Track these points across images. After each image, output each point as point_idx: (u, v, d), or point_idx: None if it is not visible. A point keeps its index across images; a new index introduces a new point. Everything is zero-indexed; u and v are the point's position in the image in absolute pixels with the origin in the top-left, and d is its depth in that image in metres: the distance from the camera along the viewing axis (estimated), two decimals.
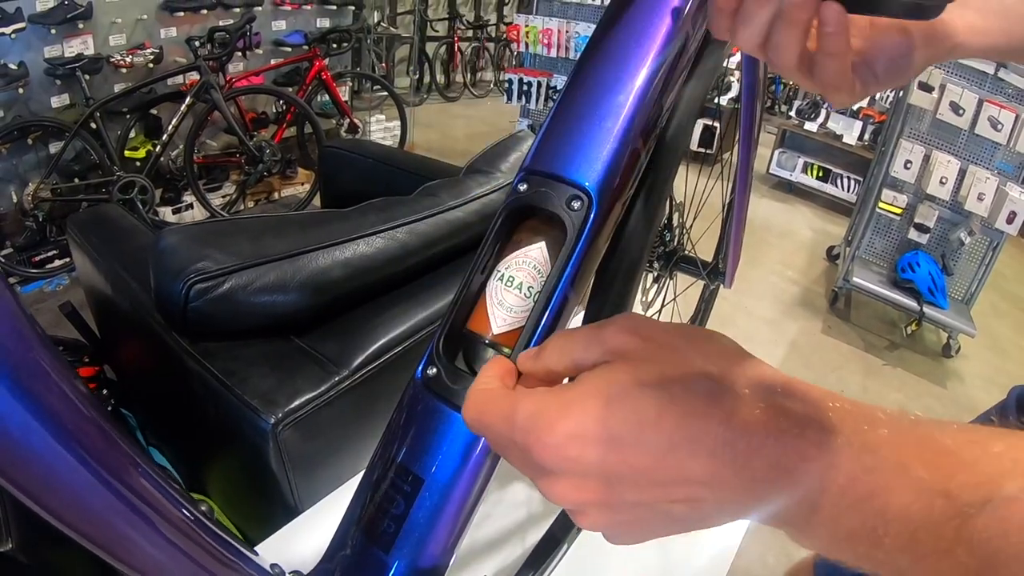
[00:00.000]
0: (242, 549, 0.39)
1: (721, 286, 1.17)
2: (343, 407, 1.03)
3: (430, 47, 7.07)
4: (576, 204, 0.46)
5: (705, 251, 1.18)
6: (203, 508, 0.36)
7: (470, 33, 7.45)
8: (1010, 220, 3.11)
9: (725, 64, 1.05)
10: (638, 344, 0.33)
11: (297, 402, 1.00)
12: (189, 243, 1.06)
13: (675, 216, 1.05)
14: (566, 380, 0.37)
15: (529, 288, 0.46)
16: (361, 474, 0.48)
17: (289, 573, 0.48)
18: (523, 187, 0.48)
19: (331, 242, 1.09)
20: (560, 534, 0.64)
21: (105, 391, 1.80)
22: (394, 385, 1.11)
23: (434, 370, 0.45)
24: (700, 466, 0.29)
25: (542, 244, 0.47)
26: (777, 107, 8.24)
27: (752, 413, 0.30)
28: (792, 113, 5.61)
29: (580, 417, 0.31)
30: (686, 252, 1.05)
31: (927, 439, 0.28)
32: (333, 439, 1.07)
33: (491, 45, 7.73)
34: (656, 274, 1.04)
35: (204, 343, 1.09)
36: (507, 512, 0.99)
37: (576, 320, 0.60)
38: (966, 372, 3.37)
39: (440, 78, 7.22)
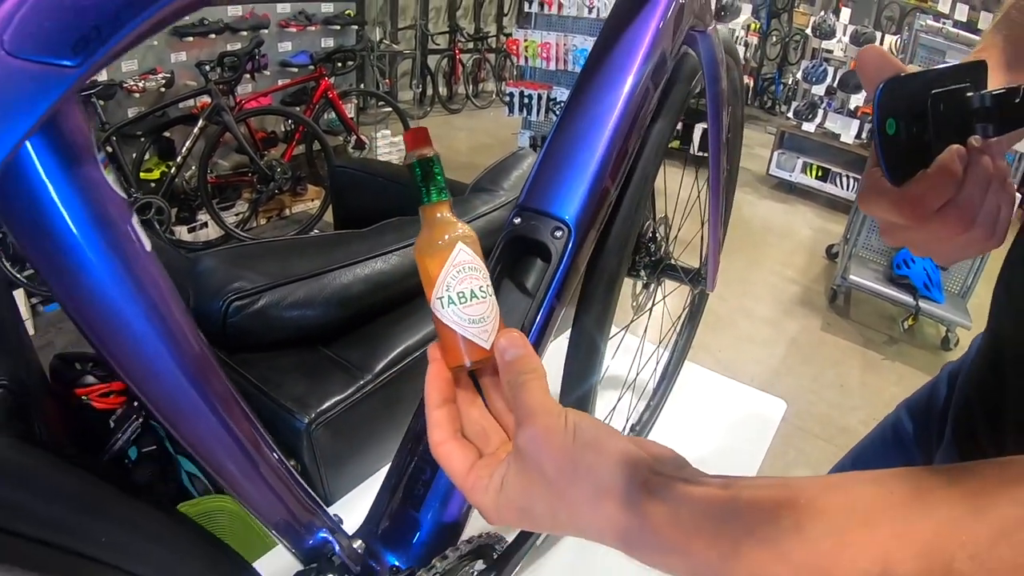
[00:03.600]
0: (318, 499, 0.52)
1: (718, 290, 1.29)
2: (368, 407, 1.16)
3: (432, 60, 7.20)
4: (558, 233, 0.59)
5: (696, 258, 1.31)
6: (292, 463, 0.48)
7: (471, 45, 7.60)
8: None
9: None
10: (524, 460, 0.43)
11: (327, 404, 1.13)
12: (226, 265, 1.20)
13: (661, 228, 1.17)
14: None
15: (481, 288, 0.48)
16: (386, 468, 0.60)
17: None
18: (517, 220, 0.61)
19: (352, 260, 1.22)
20: None
21: (136, 403, 1.93)
22: (412, 386, 1.23)
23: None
24: (566, 529, 0.42)
25: (459, 246, 0.48)
26: (777, 107, 8.37)
27: (593, 534, 0.41)
28: (790, 115, 5.71)
29: (508, 518, 0.44)
30: (671, 261, 1.17)
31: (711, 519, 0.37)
32: (360, 436, 1.20)
33: (491, 56, 7.88)
34: (644, 281, 1.17)
35: (241, 354, 1.22)
36: None
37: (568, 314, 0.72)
38: None
39: (442, 90, 7.36)
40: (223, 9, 4.11)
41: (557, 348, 0.82)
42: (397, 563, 0.57)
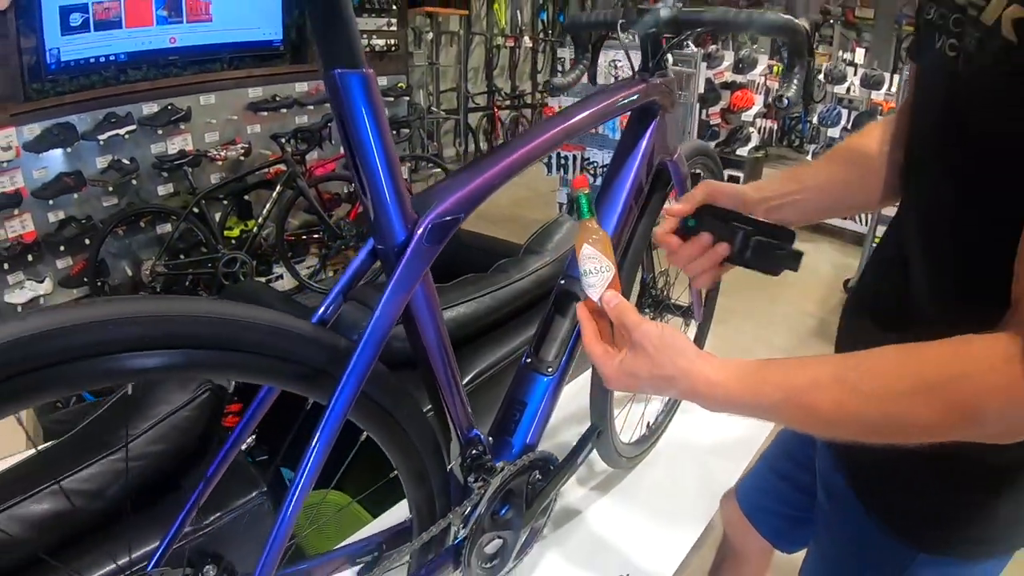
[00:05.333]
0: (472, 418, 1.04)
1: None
2: None
3: (472, 118, 7.89)
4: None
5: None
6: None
7: (508, 103, 8.28)
8: None
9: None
10: (635, 349, 0.79)
11: (427, 407, 1.65)
12: (357, 308, 1.75)
13: (661, 279, 1.70)
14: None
15: (595, 268, 0.85)
16: None
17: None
18: (562, 281, 1.15)
19: (445, 306, 1.76)
20: (580, 447, 1.28)
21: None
22: (487, 395, 1.75)
23: (529, 360, 1.12)
24: (647, 383, 0.80)
25: (586, 246, 0.85)
26: (804, 145, 8.84)
27: (668, 375, 0.77)
28: (809, 157, 6.21)
29: (621, 381, 0.81)
30: (668, 302, 1.70)
31: (730, 369, 0.75)
32: None
33: (528, 111, 8.55)
34: (650, 316, 1.69)
35: None
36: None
37: None
38: None
39: (483, 145, 8.03)
40: (291, 86, 4.76)
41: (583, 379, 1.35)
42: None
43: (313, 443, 0.75)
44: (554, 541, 1.46)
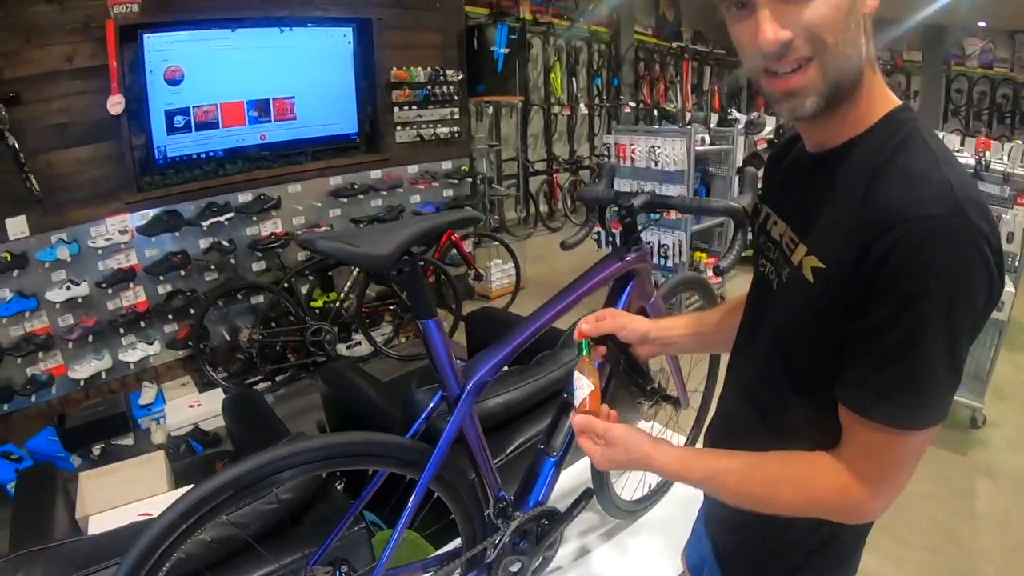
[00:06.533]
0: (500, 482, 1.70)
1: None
2: (502, 471, 2.32)
3: (533, 183, 8.60)
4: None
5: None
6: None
7: (567, 167, 8.96)
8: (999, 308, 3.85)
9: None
10: (609, 445, 1.15)
11: (472, 475, 2.28)
12: (424, 394, 2.41)
13: (659, 375, 2.32)
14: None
15: (579, 386, 1.21)
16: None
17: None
18: (565, 395, 1.81)
19: (495, 394, 2.38)
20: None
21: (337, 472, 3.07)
22: (523, 461, 2.38)
23: (543, 446, 1.79)
24: (624, 465, 1.18)
25: (575, 373, 1.23)
26: None
27: (636, 459, 1.15)
28: None
29: (604, 463, 1.17)
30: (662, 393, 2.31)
31: (673, 455, 1.13)
32: None
33: (586, 173, 9.20)
34: (648, 405, 2.31)
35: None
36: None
37: None
38: (992, 438, 4.10)
39: (543, 208, 8.71)
40: (367, 174, 5.55)
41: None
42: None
43: (411, 499, 1.43)
44: (561, 570, 2.09)
